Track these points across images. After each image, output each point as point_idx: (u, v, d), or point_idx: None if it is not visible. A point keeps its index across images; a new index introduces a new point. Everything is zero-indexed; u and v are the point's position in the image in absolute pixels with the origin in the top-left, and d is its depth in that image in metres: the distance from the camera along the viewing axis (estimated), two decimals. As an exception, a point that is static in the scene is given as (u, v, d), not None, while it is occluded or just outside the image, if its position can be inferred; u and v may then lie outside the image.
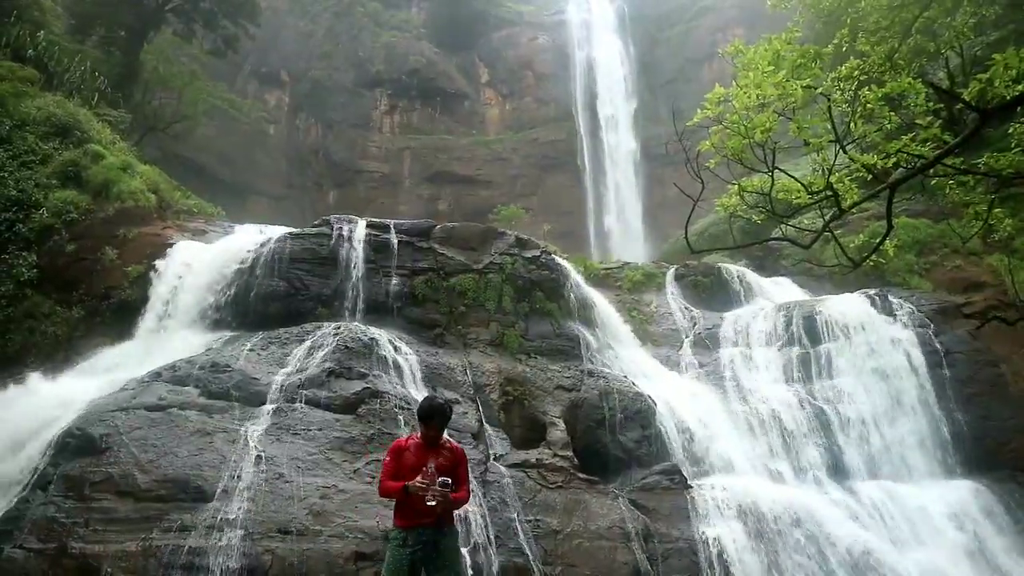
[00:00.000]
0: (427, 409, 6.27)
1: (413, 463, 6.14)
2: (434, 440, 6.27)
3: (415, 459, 6.16)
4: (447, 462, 6.16)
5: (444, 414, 6.30)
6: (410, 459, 6.19)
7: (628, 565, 9.32)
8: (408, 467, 6.14)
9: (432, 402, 6.36)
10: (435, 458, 6.09)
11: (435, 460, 6.06)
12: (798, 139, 6.65)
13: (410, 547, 6.00)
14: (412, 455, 6.22)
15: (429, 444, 6.25)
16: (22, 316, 13.06)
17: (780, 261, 18.69)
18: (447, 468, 6.08)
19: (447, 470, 6.06)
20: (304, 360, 10.97)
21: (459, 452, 6.38)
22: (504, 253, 14.03)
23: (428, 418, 6.22)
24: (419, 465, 6.06)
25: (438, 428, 6.23)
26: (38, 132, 16.08)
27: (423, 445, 6.25)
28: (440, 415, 6.25)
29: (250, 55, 36.86)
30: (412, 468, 6.10)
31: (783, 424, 12.40)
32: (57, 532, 8.12)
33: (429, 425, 6.19)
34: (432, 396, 7.26)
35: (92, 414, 9.48)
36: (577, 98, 39.89)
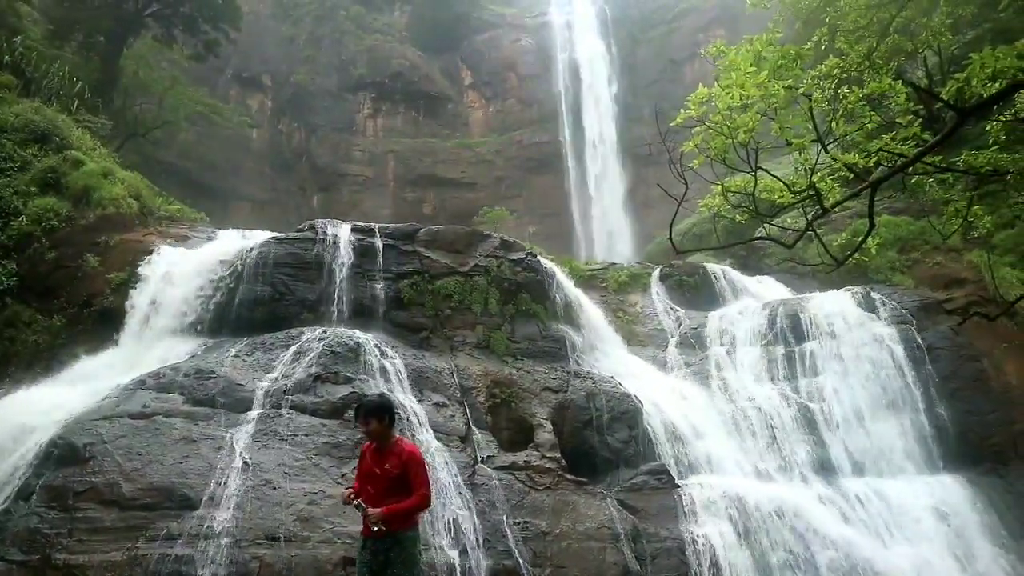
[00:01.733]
0: (357, 408, 6.27)
1: (366, 469, 6.18)
2: (381, 438, 6.15)
3: (368, 464, 6.18)
4: (394, 468, 6.04)
5: (373, 408, 6.15)
6: (364, 464, 6.22)
7: (617, 565, 9.33)
8: (363, 472, 6.19)
9: (363, 399, 6.36)
10: (381, 463, 6.05)
11: (380, 467, 6.04)
12: (780, 139, 6.69)
13: (367, 554, 6.03)
14: (367, 460, 6.23)
15: (379, 446, 6.17)
16: (2, 325, 12.90)
17: (764, 260, 18.81)
18: (395, 473, 6.00)
19: (395, 476, 5.99)
20: (290, 365, 10.91)
21: (409, 454, 6.15)
22: (489, 255, 14.03)
23: (357, 415, 6.21)
24: (370, 471, 6.10)
25: (379, 423, 6.09)
26: (16, 139, 15.89)
27: (375, 448, 6.20)
28: (369, 410, 6.13)
29: (231, 59, 36.68)
30: (365, 474, 6.16)
31: (769, 422, 12.47)
32: (40, 543, 8.02)
33: (365, 422, 6.10)
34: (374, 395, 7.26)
35: (75, 423, 9.37)
36: (561, 99, 39.98)
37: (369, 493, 6.08)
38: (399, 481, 6.02)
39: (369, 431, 6.13)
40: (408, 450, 6.18)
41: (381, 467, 6.07)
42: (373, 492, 6.07)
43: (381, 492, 6.05)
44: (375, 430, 6.12)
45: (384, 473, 6.05)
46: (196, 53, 29.20)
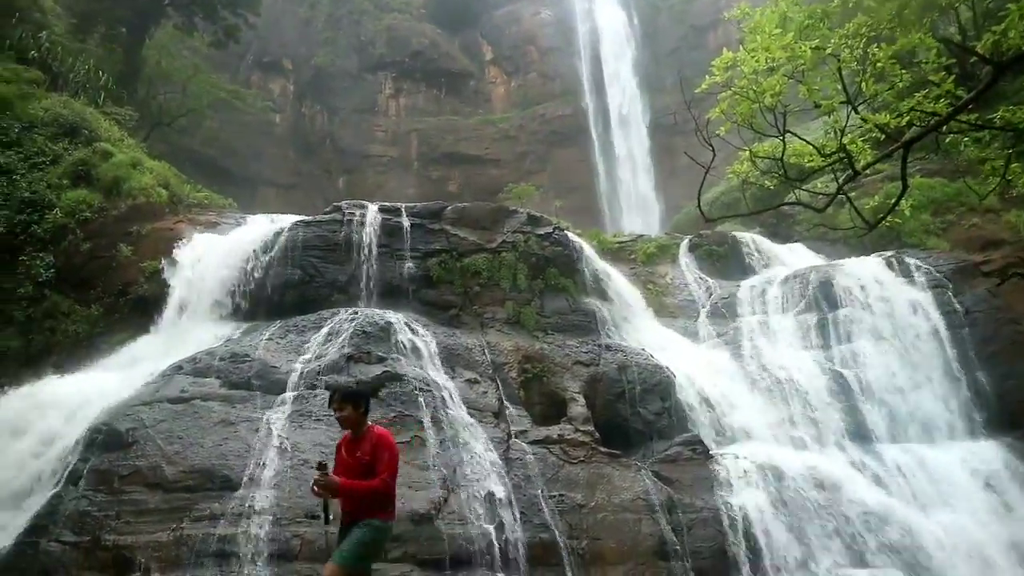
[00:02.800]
0: (332, 392, 6.09)
1: (342, 461, 5.97)
2: (355, 426, 5.94)
3: (343, 456, 5.98)
4: (366, 455, 5.82)
5: (349, 394, 5.98)
6: (340, 457, 6.02)
7: (653, 536, 9.37)
8: (339, 466, 5.95)
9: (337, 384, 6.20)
10: (354, 452, 5.85)
11: (352, 456, 5.84)
12: (808, 102, 6.56)
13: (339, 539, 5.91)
14: (342, 453, 6.02)
15: (353, 434, 5.96)
16: (43, 316, 13.19)
17: (794, 227, 18.54)
18: (366, 460, 5.78)
19: (366, 463, 5.77)
20: (322, 347, 11.03)
21: (379, 437, 5.90)
22: (516, 231, 14.00)
23: (331, 400, 5.99)
24: (345, 463, 5.88)
25: (354, 410, 5.88)
26: (47, 133, 16.12)
27: (349, 438, 6.00)
28: (345, 395, 5.96)
29: (252, 45, 36.73)
30: (341, 467, 5.92)
31: (803, 391, 12.36)
32: (90, 525, 8.28)
33: (340, 407, 5.88)
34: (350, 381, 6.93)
35: (117, 409, 9.61)
36: (583, 71, 39.53)
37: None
38: (370, 468, 5.78)
39: (342, 416, 5.90)
40: (379, 434, 5.94)
41: (354, 456, 5.87)
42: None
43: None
44: (349, 416, 5.89)
45: (356, 461, 5.83)
46: (216, 40, 29.27)
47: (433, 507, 8.82)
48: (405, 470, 9.17)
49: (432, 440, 9.72)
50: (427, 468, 9.33)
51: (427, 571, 8.33)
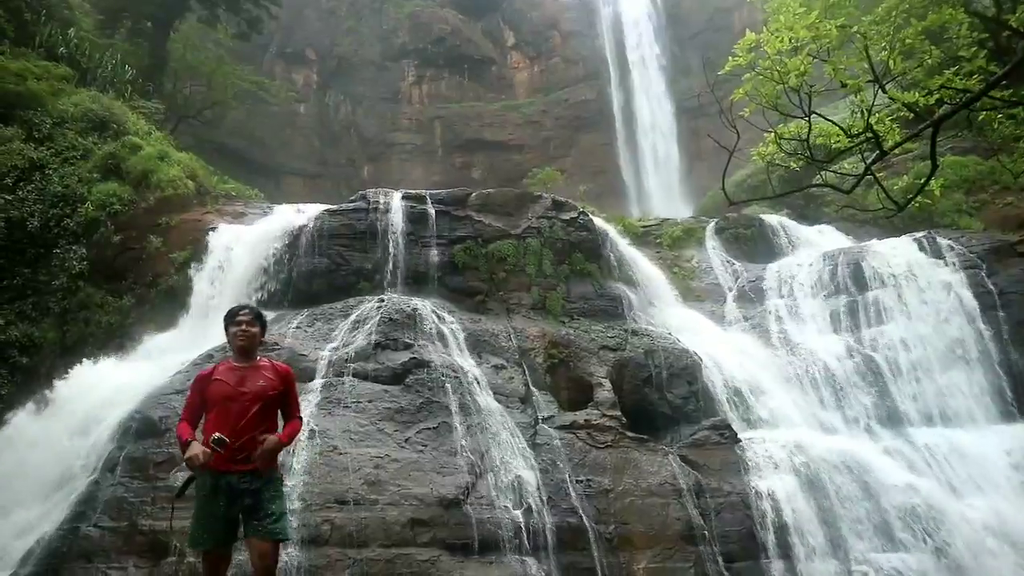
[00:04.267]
0: (238, 309, 5.40)
1: (223, 392, 5.05)
2: (252, 351, 5.27)
3: (227, 387, 5.07)
4: (272, 387, 5.15)
5: (259, 313, 5.40)
6: (218, 388, 5.08)
7: (681, 521, 9.37)
8: (217, 396, 5.05)
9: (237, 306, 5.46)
10: (248, 382, 5.10)
11: (247, 385, 5.08)
12: (834, 81, 6.44)
13: (222, 499, 4.91)
14: (223, 383, 5.09)
15: (243, 360, 5.23)
16: (77, 307, 13.46)
17: (822, 208, 18.30)
18: (272, 394, 5.14)
19: (273, 396, 5.14)
20: (350, 334, 11.13)
21: (286, 371, 5.35)
22: (541, 217, 13.98)
23: (234, 317, 5.29)
24: (232, 393, 5.02)
25: (261, 330, 5.32)
26: (77, 128, 16.39)
27: (232, 367, 5.21)
28: (256, 313, 5.39)
29: (275, 36, 36.91)
30: (222, 398, 5.04)
31: (832, 374, 12.24)
32: (127, 511, 8.49)
33: (251, 323, 5.27)
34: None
35: (150, 398, 9.81)
36: (606, 55, 39.22)
37: (228, 420, 4.96)
38: (275, 402, 5.17)
39: (249, 335, 5.22)
40: (283, 367, 5.38)
41: (250, 385, 5.08)
42: (236, 417, 4.97)
43: (252, 416, 5.00)
44: (254, 337, 5.28)
45: (256, 392, 5.06)
46: (240, 32, 29.47)
47: (461, 492, 8.89)
48: (433, 456, 9.29)
49: (459, 426, 9.78)
50: (455, 454, 9.40)
51: (455, 555, 8.41)
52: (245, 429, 4.96)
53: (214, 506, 4.87)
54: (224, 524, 4.91)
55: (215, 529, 4.88)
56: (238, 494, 4.91)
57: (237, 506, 4.91)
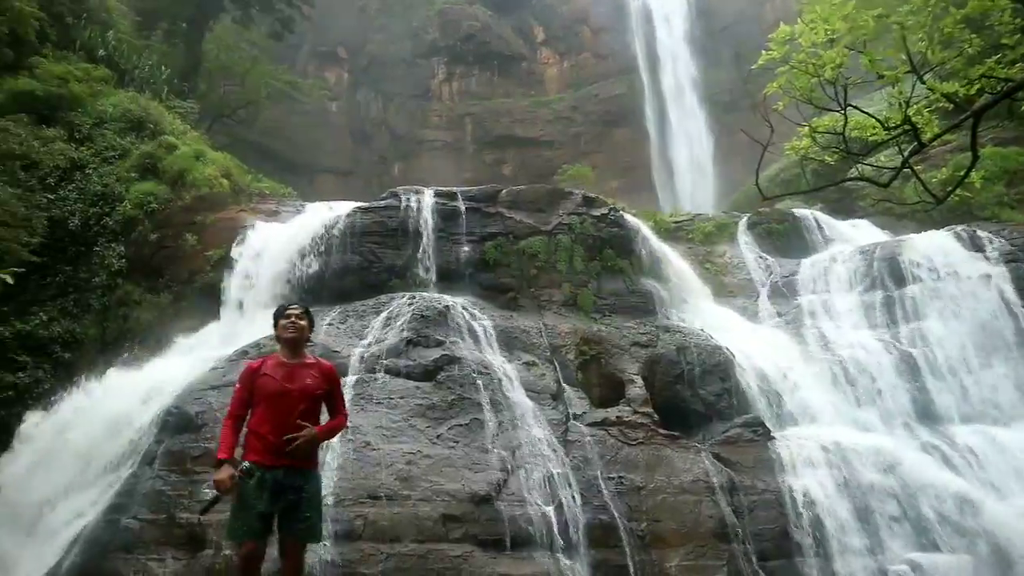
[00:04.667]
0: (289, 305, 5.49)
1: (273, 387, 5.09)
2: (300, 346, 5.32)
3: (275, 383, 5.10)
4: (318, 386, 5.21)
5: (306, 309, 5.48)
6: (268, 383, 5.11)
7: (714, 518, 9.30)
8: (267, 393, 5.08)
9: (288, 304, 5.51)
10: (296, 380, 5.14)
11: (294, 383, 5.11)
12: (871, 73, 6.32)
13: (265, 495, 4.91)
14: (271, 378, 5.13)
15: (290, 356, 5.26)
16: (116, 304, 13.75)
17: (857, 202, 18.00)
18: (318, 392, 5.22)
19: (319, 394, 5.22)
20: (382, 331, 11.20)
21: (331, 369, 5.41)
22: (572, 213, 13.94)
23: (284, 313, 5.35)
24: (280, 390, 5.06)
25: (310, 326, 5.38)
26: (115, 128, 16.73)
27: (279, 362, 5.24)
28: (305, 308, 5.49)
29: (307, 35, 37.24)
30: (270, 395, 5.07)
31: (868, 370, 12.04)
32: (165, 504, 8.66)
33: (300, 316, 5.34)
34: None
35: (187, 393, 9.98)
36: (636, 50, 38.95)
37: (276, 417, 5.02)
38: (321, 400, 5.24)
39: (299, 328, 5.29)
40: (328, 366, 5.43)
41: (297, 383, 5.12)
42: (284, 415, 5.02)
43: (298, 414, 5.06)
44: (304, 331, 5.34)
45: (304, 390, 5.11)
46: (273, 31, 29.84)
47: (493, 488, 8.91)
48: (465, 452, 9.32)
49: (491, 422, 9.81)
50: (486, 450, 9.43)
51: (487, 551, 8.44)
52: (292, 427, 4.99)
53: (257, 500, 4.86)
54: (264, 518, 4.91)
55: (255, 522, 4.88)
56: (282, 490, 4.92)
57: (280, 503, 4.92)
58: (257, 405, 5.08)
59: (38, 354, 12.54)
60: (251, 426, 5.06)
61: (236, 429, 5.14)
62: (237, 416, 5.15)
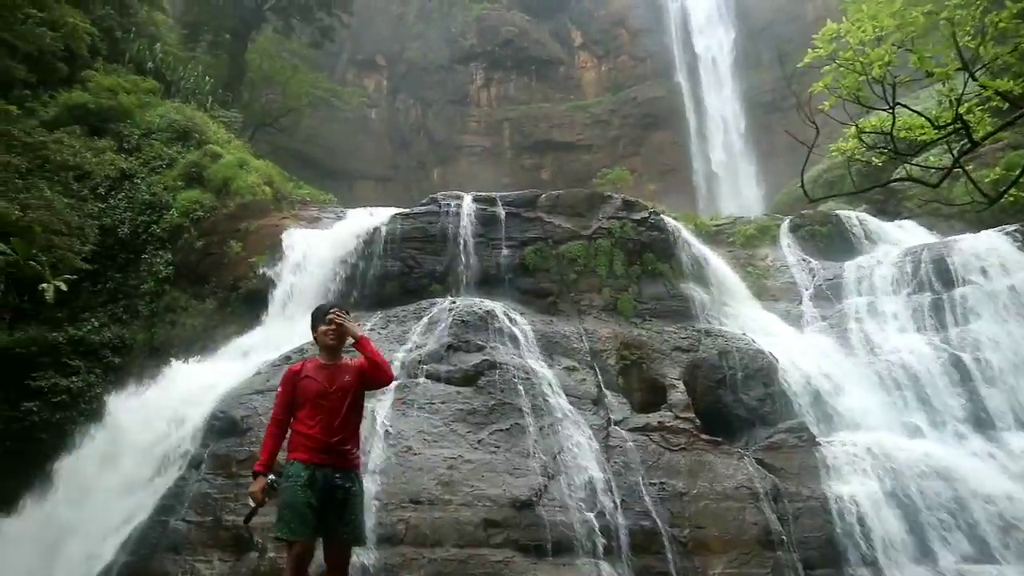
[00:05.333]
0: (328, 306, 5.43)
1: (315, 389, 5.10)
2: (339, 348, 5.31)
3: (318, 384, 5.11)
4: (354, 382, 5.20)
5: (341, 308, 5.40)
6: (311, 385, 5.12)
7: (758, 525, 9.15)
8: (311, 395, 5.08)
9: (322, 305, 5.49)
10: (336, 380, 5.14)
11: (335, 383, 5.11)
12: (919, 70, 6.17)
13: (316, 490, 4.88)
14: (314, 380, 5.14)
15: (329, 357, 5.27)
16: (163, 310, 14.05)
17: (903, 203, 17.63)
18: (355, 387, 5.20)
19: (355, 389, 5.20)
20: (422, 336, 11.27)
21: (360, 363, 5.30)
22: (612, 217, 13.87)
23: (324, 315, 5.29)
24: (323, 391, 5.07)
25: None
26: (162, 138, 17.16)
27: (320, 364, 5.25)
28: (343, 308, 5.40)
29: (346, 43, 37.78)
30: (315, 396, 5.08)
31: (916, 375, 11.75)
32: (212, 506, 8.81)
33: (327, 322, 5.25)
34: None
35: (232, 398, 10.15)
36: (674, 51, 38.70)
37: (322, 417, 5.04)
38: (359, 396, 5.25)
39: (341, 332, 5.26)
40: (357, 361, 5.33)
41: (339, 383, 5.15)
42: (330, 415, 5.05)
43: (344, 413, 5.10)
44: (345, 334, 5.30)
45: (343, 389, 5.12)
46: (313, 40, 30.36)
47: (534, 494, 8.89)
48: (506, 457, 9.32)
49: (532, 427, 9.79)
50: (527, 455, 9.41)
51: (528, 557, 8.41)
52: (339, 427, 5.04)
53: (308, 497, 4.84)
54: (315, 517, 4.87)
55: (307, 521, 4.85)
56: (332, 489, 4.92)
57: (331, 502, 4.91)
58: (302, 407, 5.10)
59: (90, 359, 12.87)
60: (297, 428, 5.09)
61: (279, 436, 5.17)
62: (280, 420, 5.18)
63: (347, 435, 5.10)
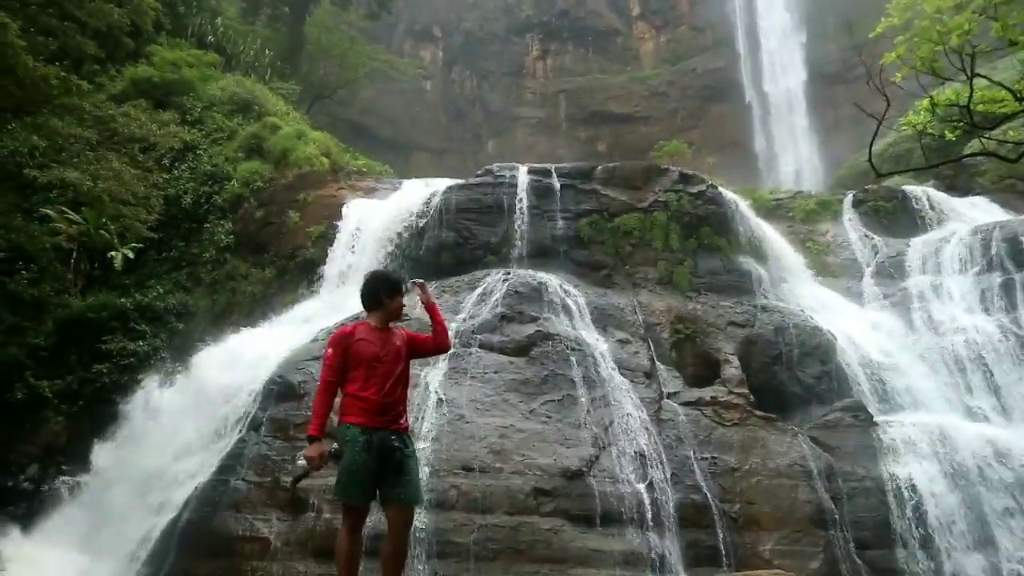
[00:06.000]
0: (392, 277, 5.41)
1: (371, 353, 5.03)
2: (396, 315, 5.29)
3: (374, 348, 5.05)
4: (404, 345, 5.20)
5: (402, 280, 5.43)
6: (366, 348, 5.04)
7: (810, 504, 9.07)
8: (366, 358, 5.02)
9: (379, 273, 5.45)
10: (389, 344, 5.11)
11: (388, 348, 5.08)
12: (1002, 40, 5.88)
13: (373, 452, 4.87)
14: (369, 344, 5.07)
15: (382, 324, 5.21)
16: (224, 278, 14.45)
17: (975, 179, 16.93)
18: (405, 351, 5.19)
19: (405, 353, 5.19)
20: (476, 307, 11.35)
21: (406, 331, 5.39)
22: (668, 190, 13.68)
23: (393, 285, 5.27)
24: (376, 356, 5.01)
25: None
26: (223, 111, 17.52)
27: (373, 327, 5.17)
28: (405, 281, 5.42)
29: (403, 14, 37.82)
30: (369, 360, 5.01)
31: (983, 357, 11.37)
32: (270, 468, 9.11)
33: (402, 293, 5.29)
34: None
35: (290, 363, 10.42)
36: (736, 21, 37.65)
37: (377, 380, 4.99)
38: (402, 358, 5.17)
39: (400, 305, 5.29)
40: (403, 330, 5.38)
41: (390, 346, 5.11)
42: (384, 377, 5.01)
43: (397, 376, 5.06)
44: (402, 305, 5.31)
45: (397, 353, 5.10)
46: (370, 12, 30.50)
47: (584, 464, 8.95)
48: (557, 427, 9.38)
49: (584, 399, 9.82)
50: (579, 426, 9.46)
51: (578, 526, 8.50)
52: (393, 388, 5.03)
53: (367, 461, 4.85)
54: (371, 480, 4.88)
55: (364, 484, 4.87)
56: (390, 451, 4.91)
57: (388, 464, 4.90)
58: (355, 369, 5.03)
59: (155, 324, 13.32)
60: (351, 390, 5.02)
61: (329, 400, 5.11)
62: (331, 383, 5.08)
63: (398, 398, 5.10)
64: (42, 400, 11.94)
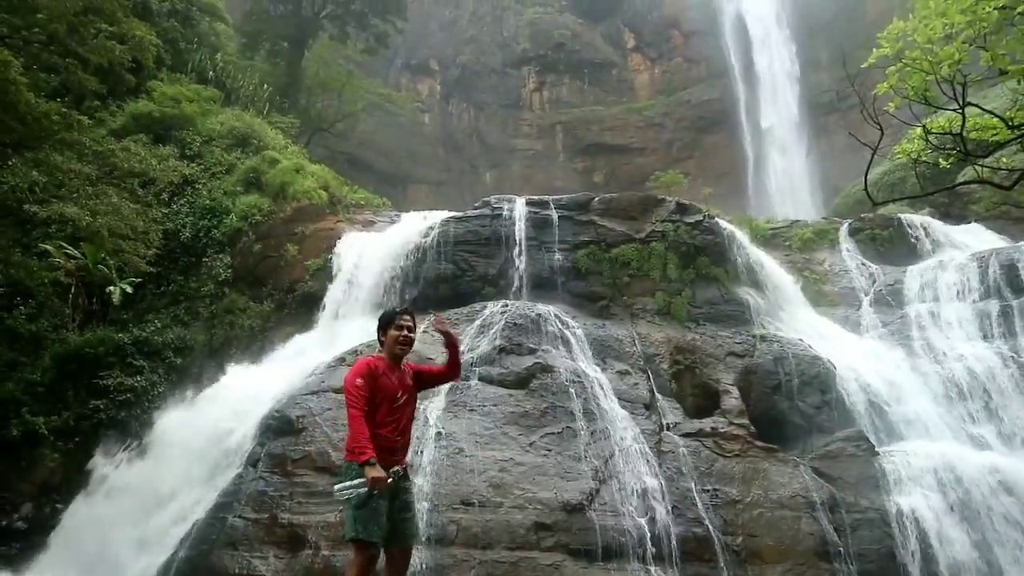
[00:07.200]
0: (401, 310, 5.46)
1: (391, 390, 5.14)
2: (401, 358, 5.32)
3: (393, 385, 5.17)
4: (414, 383, 5.35)
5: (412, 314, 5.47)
6: (391, 386, 5.16)
7: (814, 536, 8.94)
8: (387, 396, 5.12)
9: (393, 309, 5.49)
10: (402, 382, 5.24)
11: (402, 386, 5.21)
12: (991, 69, 5.95)
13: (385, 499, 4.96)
14: (389, 380, 5.17)
15: (395, 361, 5.28)
16: (223, 312, 14.42)
17: (969, 207, 17.02)
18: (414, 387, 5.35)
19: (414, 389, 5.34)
20: (475, 339, 11.32)
21: (412, 366, 5.51)
22: (665, 220, 13.73)
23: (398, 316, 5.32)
24: (394, 395, 5.13)
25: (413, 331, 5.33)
26: (222, 145, 17.63)
27: (388, 366, 5.24)
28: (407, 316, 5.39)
29: (400, 49, 38.29)
30: (389, 398, 5.13)
31: (984, 385, 11.32)
32: (268, 504, 8.99)
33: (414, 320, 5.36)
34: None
35: (288, 398, 10.35)
36: (729, 52, 38.14)
37: (395, 418, 5.13)
38: (412, 394, 5.32)
39: (412, 340, 5.33)
40: (409, 365, 5.44)
41: (403, 386, 5.23)
42: (400, 415, 5.17)
43: (411, 418, 5.28)
44: (413, 342, 5.36)
45: (408, 390, 5.24)
46: (368, 47, 30.87)
47: (585, 498, 8.85)
48: (557, 460, 9.30)
49: (583, 431, 9.75)
50: (579, 459, 9.38)
51: (579, 561, 8.37)
52: (406, 429, 5.19)
53: (383, 500, 4.88)
54: (386, 519, 4.91)
55: (382, 523, 4.89)
56: (398, 491, 5.01)
57: (397, 502, 4.99)
58: (379, 407, 5.07)
59: (153, 359, 13.25)
60: (371, 427, 5.00)
61: (370, 426, 5.02)
62: (368, 412, 5.01)
63: (408, 440, 5.22)
64: (38, 437, 11.82)
